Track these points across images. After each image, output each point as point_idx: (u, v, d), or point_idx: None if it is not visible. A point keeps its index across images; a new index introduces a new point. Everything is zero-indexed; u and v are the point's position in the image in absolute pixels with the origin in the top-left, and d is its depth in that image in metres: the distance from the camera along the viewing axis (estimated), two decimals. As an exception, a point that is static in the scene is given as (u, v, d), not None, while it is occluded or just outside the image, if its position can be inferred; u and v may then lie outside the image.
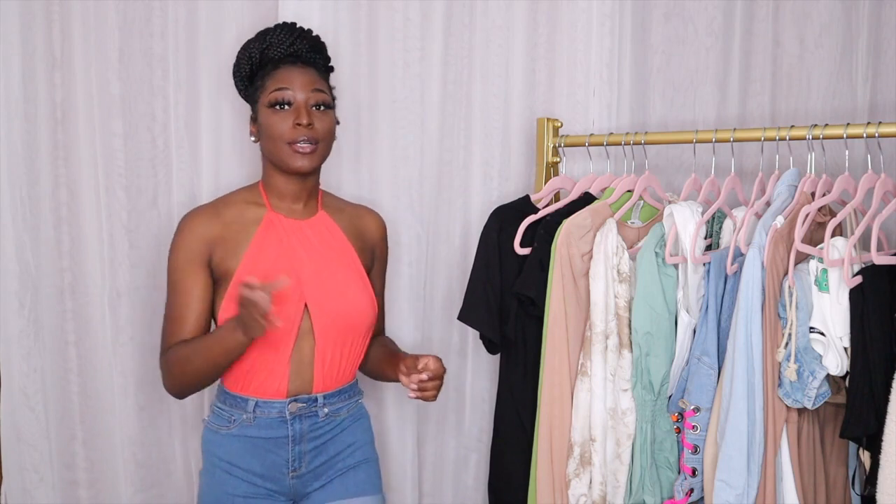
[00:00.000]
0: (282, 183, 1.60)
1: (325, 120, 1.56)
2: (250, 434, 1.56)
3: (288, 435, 1.56)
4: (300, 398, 1.56)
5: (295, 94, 1.54)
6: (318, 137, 1.54)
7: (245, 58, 1.63)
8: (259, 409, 1.55)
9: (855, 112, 1.81)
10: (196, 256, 1.56)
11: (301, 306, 1.55)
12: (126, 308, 2.00)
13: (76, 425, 2.03)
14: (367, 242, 1.71)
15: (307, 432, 1.57)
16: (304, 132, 1.52)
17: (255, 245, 1.57)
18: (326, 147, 1.58)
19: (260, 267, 1.55)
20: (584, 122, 1.95)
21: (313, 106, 1.55)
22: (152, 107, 1.98)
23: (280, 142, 1.54)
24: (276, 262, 1.56)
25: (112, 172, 1.97)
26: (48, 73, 1.94)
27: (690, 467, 1.53)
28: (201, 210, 1.61)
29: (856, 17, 1.80)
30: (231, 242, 1.56)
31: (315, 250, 1.60)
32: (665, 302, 1.55)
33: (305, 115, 1.52)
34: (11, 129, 1.92)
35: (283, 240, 1.58)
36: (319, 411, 1.58)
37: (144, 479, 2.04)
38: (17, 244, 1.94)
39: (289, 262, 1.56)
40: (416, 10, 1.96)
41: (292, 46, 1.60)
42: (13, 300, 1.95)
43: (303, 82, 1.55)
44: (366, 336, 1.64)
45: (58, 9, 1.93)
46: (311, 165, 1.55)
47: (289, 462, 1.57)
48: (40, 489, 2.00)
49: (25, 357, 1.97)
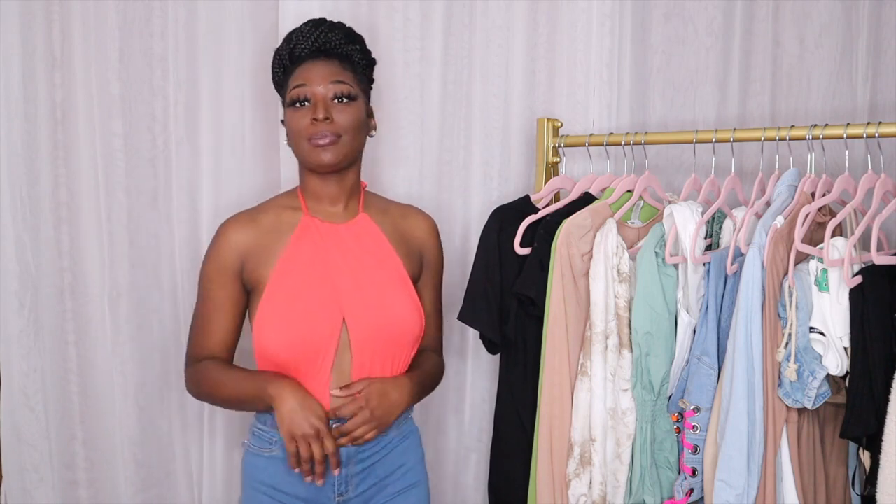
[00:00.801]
0: (316, 184, 1.53)
1: (348, 112, 1.48)
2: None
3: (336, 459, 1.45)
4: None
5: (313, 88, 1.47)
6: (338, 131, 1.46)
7: (277, 63, 1.57)
8: None
9: (855, 112, 1.81)
10: (227, 267, 1.50)
11: (339, 319, 1.46)
12: (126, 308, 2.00)
13: (76, 425, 2.03)
14: (413, 247, 1.61)
15: (353, 454, 1.47)
16: (323, 127, 1.45)
17: (289, 251, 1.49)
18: (351, 140, 1.49)
19: (293, 275, 1.48)
20: (584, 122, 1.95)
21: (334, 98, 1.47)
22: (152, 107, 1.98)
23: (300, 139, 1.48)
24: (310, 270, 1.48)
25: (112, 172, 1.97)
26: (48, 73, 1.94)
27: (690, 467, 1.53)
28: (237, 218, 1.54)
29: (856, 17, 1.80)
30: (265, 250, 1.50)
31: (353, 256, 1.52)
32: (665, 302, 1.55)
33: (322, 110, 1.45)
34: (11, 129, 1.92)
35: (318, 245, 1.51)
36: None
37: (144, 479, 2.04)
38: (17, 244, 1.94)
39: (324, 270, 1.49)
40: (416, 10, 1.96)
41: (317, 41, 1.51)
42: (13, 300, 1.95)
43: (321, 75, 1.48)
44: (411, 348, 1.54)
45: (58, 9, 1.93)
46: (333, 159, 1.47)
47: (335, 486, 1.48)
48: (40, 489, 2.01)
49: (25, 357, 1.97)
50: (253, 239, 1.50)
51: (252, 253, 1.50)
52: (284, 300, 1.46)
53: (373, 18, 1.96)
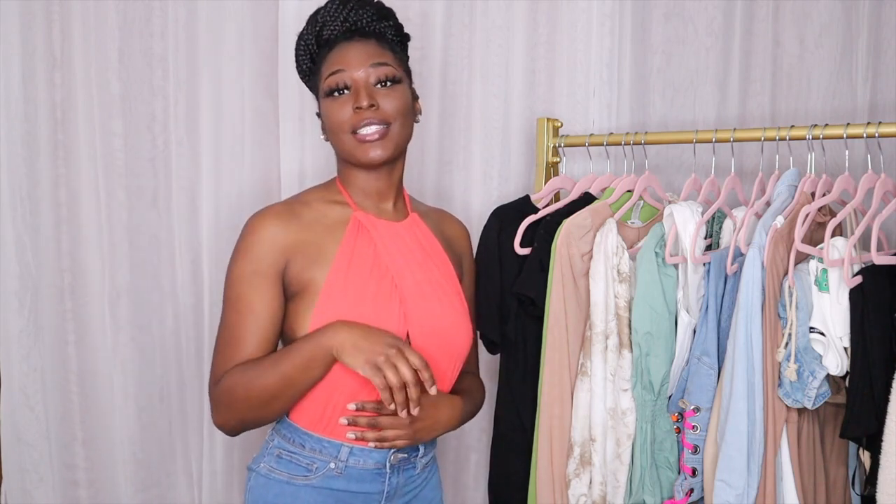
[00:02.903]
0: (363, 179, 1.35)
1: (394, 96, 1.31)
2: (336, 487, 1.29)
3: (384, 490, 1.31)
4: (404, 448, 1.30)
5: (352, 73, 1.30)
6: (386, 118, 1.29)
7: (302, 49, 1.40)
8: (353, 457, 1.29)
9: (855, 112, 1.81)
10: (266, 267, 1.27)
11: (403, 334, 1.30)
12: (126, 308, 2.00)
13: (76, 425, 2.03)
14: (456, 253, 1.48)
15: (402, 487, 1.33)
16: (368, 115, 1.28)
17: (344, 249, 1.30)
18: (401, 128, 1.32)
19: (353, 277, 1.29)
20: (584, 122, 1.95)
21: (377, 83, 1.31)
22: (152, 107, 1.98)
23: (342, 133, 1.31)
24: (371, 272, 1.30)
25: (112, 172, 1.97)
26: (48, 73, 1.94)
27: (690, 467, 1.53)
28: (273, 211, 1.32)
29: (856, 17, 1.80)
30: (313, 248, 1.30)
31: (415, 260, 1.36)
32: (665, 302, 1.55)
33: (365, 97, 1.28)
34: (11, 129, 1.92)
35: (377, 244, 1.33)
36: (418, 462, 1.35)
37: (144, 479, 2.04)
38: (17, 244, 1.95)
39: (387, 273, 1.31)
40: (416, 10, 1.96)
41: (347, 20, 1.35)
42: (13, 300, 1.95)
43: (360, 58, 1.31)
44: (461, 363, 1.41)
45: (58, 9, 1.93)
46: (385, 154, 1.30)
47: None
48: (40, 489, 2.01)
49: (25, 357, 1.97)
50: (297, 235, 1.30)
51: (298, 251, 1.29)
52: (346, 305, 1.27)
53: (373, 18, 1.96)
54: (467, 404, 1.43)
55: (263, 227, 1.30)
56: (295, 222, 1.31)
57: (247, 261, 1.29)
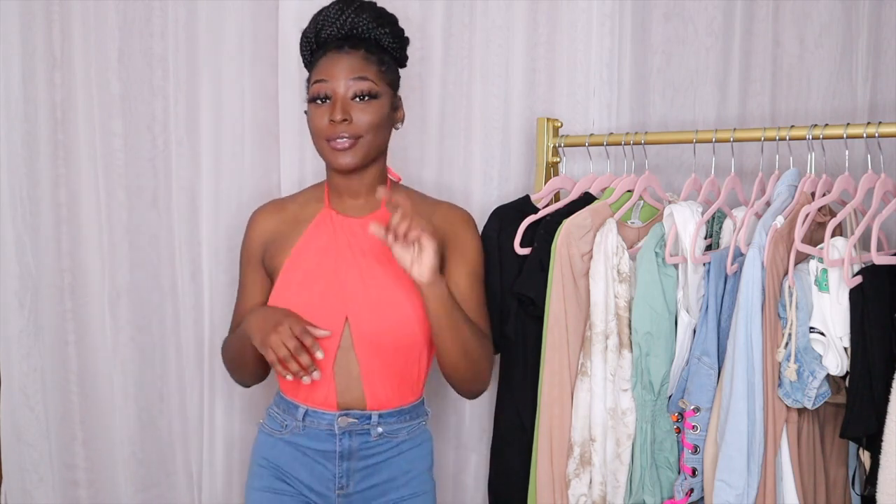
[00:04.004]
0: (337, 179, 1.51)
1: (369, 111, 1.42)
2: (300, 442, 1.49)
3: (335, 450, 1.47)
4: (352, 413, 1.46)
5: (333, 85, 1.42)
6: (357, 132, 1.41)
7: (304, 45, 1.52)
8: (309, 418, 1.48)
9: (855, 112, 1.81)
10: (253, 254, 1.55)
11: (342, 318, 1.44)
12: (126, 308, 2.00)
13: (76, 425, 2.03)
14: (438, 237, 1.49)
15: (357, 450, 1.47)
16: (341, 128, 1.41)
17: (302, 242, 1.49)
18: (373, 138, 1.44)
19: (302, 266, 1.47)
20: (584, 122, 1.95)
21: (354, 97, 1.42)
22: (152, 107, 1.98)
23: (319, 139, 1.44)
24: (319, 263, 1.47)
25: (112, 172, 1.97)
26: (48, 73, 1.94)
27: (690, 467, 1.53)
28: (267, 205, 1.59)
29: (856, 17, 1.80)
30: (283, 238, 1.51)
31: (364, 253, 1.47)
32: (665, 302, 1.55)
33: (339, 111, 1.40)
34: (11, 129, 1.92)
35: (331, 238, 1.48)
36: (372, 430, 1.47)
37: (144, 479, 2.05)
38: (17, 244, 1.95)
39: (333, 264, 1.47)
40: (417, 10, 1.96)
41: (344, 26, 1.46)
42: (13, 300, 1.95)
43: (343, 70, 1.42)
44: (422, 354, 1.50)
45: (58, 9, 1.94)
46: (354, 161, 1.43)
47: (335, 478, 1.48)
48: (40, 489, 2.01)
49: (25, 357, 1.97)
50: (275, 227, 1.54)
51: (272, 241, 1.53)
52: (291, 292, 1.46)
53: (373, 18, 1.96)
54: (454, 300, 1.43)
55: (253, 220, 1.58)
56: (278, 216, 1.56)
57: (243, 248, 1.58)
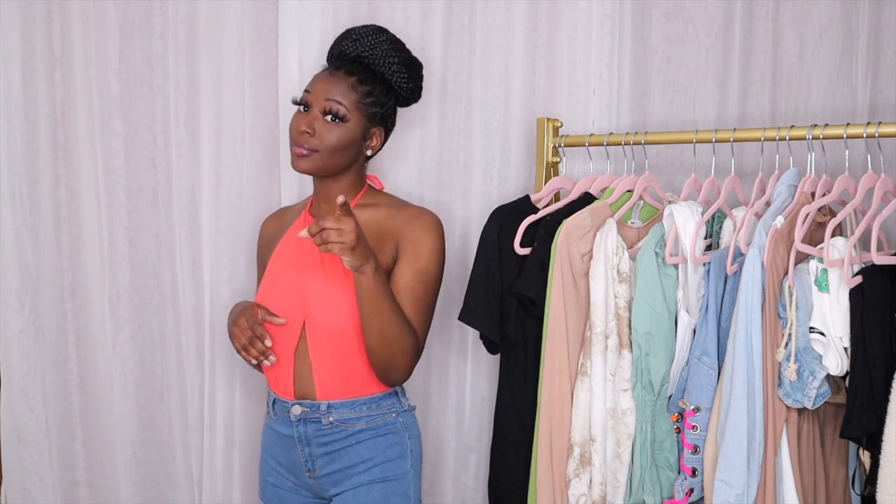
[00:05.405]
0: (316, 185, 1.62)
1: (333, 132, 1.53)
2: (275, 428, 1.62)
3: (294, 436, 1.57)
4: (305, 402, 1.56)
5: (314, 97, 1.54)
6: (316, 146, 1.52)
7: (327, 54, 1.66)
8: (276, 405, 1.61)
9: (855, 112, 1.81)
10: (260, 256, 1.71)
11: (301, 312, 1.55)
12: (126, 308, 2.00)
13: (76, 425, 2.03)
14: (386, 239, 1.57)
15: (313, 437, 1.57)
16: (304, 138, 1.53)
17: (282, 243, 1.64)
18: (328, 158, 1.54)
19: (277, 264, 1.61)
20: (584, 122, 1.95)
21: (325, 114, 1.53)
22: (152, 107, 1.98)
23: (291, 140, 1.56)
24: (288, 262, 1.60)
25: (112, 172, 1.97)
26: (48, 73, 1.94)
27: (690, 467, 1.53)
28: (273, 213, 1.76)
29: (856, 17, 1.80)
30: (275, 241, 1.66)
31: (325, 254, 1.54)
32: (665, 302, 1.56)
33: (306, 122, 1.53)
34: (11, 129, 1.92)
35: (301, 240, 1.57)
36: (323, 418, 1.55)
37: (144, 479, 2.05)
38: (17, 244, 1.95)
39: (297, 265, 1.59)
40: (416, 10, 1.96)
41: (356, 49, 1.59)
42: (13, 300, 1.95)
43: (323, 89, 1.54)
44: (349, 339, 1.55)
45: (58, 9, 1.94)
46: (308, 167, 1.54)
47: (302, 462, 1.59)
48: (40, 489, 2.01)
49: (25, 357, 1.97)
50: (273, 231, 1.69)
51: (269, 243, 1.68)
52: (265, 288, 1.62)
53: (373, 18, 1.96)
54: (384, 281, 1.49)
55: (262, 225, 1.75)
56: (276, 222, 1.72)
57: (256, 253, 1.76)
